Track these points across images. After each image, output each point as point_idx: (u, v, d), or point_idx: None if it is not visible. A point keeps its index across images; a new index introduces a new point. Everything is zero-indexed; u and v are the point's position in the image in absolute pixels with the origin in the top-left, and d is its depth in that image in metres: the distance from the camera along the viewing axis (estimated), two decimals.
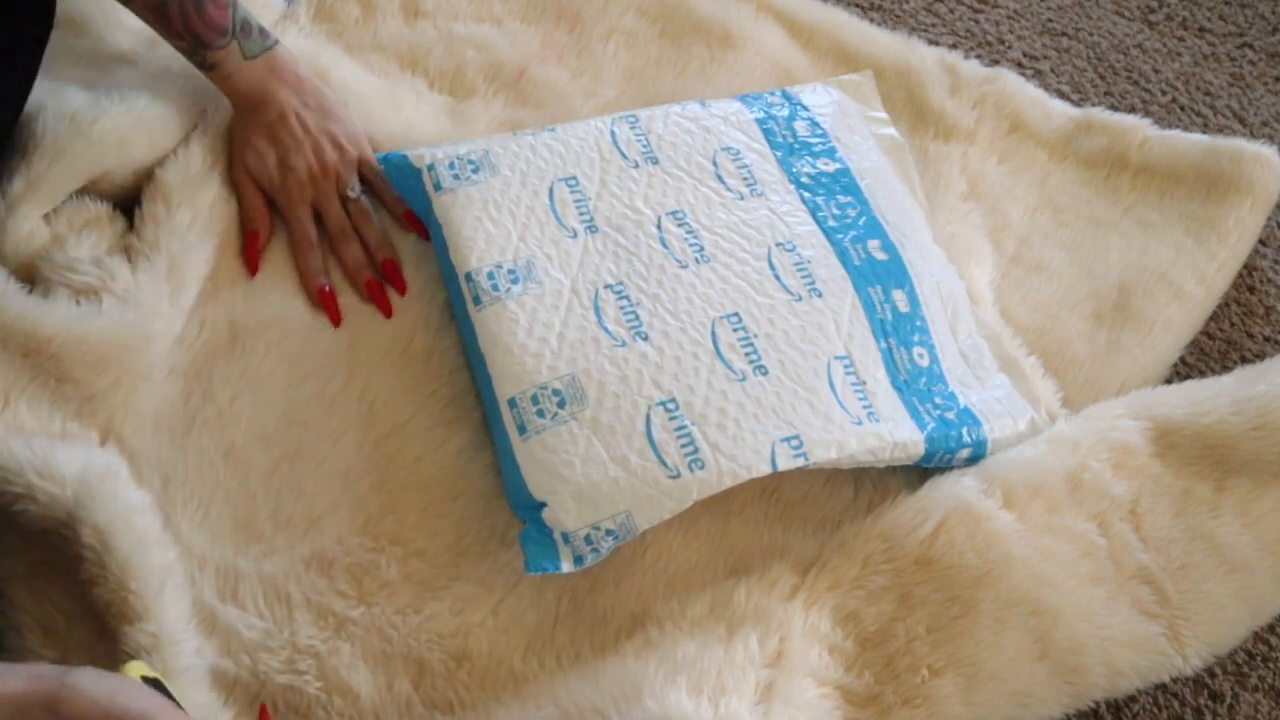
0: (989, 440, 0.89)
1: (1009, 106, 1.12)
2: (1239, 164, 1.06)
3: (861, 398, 0.86)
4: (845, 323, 0.90)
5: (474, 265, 0.90)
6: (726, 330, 0.87)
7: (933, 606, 0.82)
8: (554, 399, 0.84)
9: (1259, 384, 0.90)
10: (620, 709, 0.74)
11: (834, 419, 0.84)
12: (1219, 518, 0.87)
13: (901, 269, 0.94)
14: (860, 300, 0.91)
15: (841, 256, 0.93)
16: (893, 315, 0.91)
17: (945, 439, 0.87)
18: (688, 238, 0.93)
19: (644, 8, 1.17)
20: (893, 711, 0.80)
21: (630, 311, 0.88)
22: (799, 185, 0.98)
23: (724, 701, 0.75)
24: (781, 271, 0.91)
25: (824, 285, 0.91)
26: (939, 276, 0.97)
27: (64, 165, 0.88)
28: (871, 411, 0.86)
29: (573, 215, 0.93)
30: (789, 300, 0.90)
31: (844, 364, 0.88)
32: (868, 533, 0.84)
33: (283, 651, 0.79)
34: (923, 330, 0.92)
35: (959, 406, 0.89)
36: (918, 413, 0.87)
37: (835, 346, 0.88)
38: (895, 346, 0.90)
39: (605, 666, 0.79)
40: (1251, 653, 0.89)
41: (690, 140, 0.99)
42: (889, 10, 1.24)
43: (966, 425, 0.88)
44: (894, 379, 0.89)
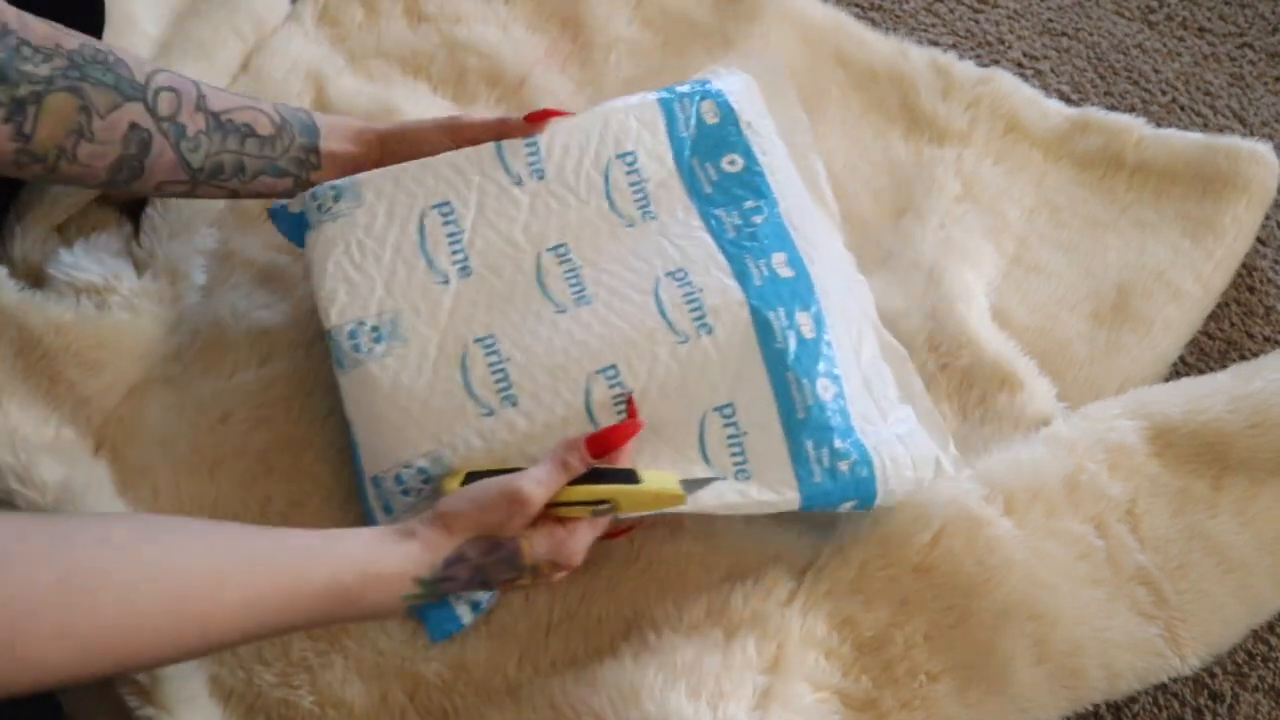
0: (879, 495, 0.82)
1: (1004, 107, 1.12)
2: (1235, 162, 1.05)
3: (736, 452, 0.81)
4: (734, 363, 0.81)
5: (334, 322, 0.83)
6: (602, 388, 0.80)
7: (930, 613, 0.82)
8: (419, 478, 0.80)
9: (1255, 381, 0.90)
10: (619, 712, 0.75)
11: (695, 474, 0.80)
12: (1216, 516, 0.87)
13: (808, 286, 0.85)
14: (756, 330, 0.82)
15: (741, 276, 0.84)
16: (796, 343, 0.82)
17: (826, 496, 0.81)
18: (568, 276, 0.85)
19: (647, 18, 1.17)
20: (891, 716, 0.80)
21: (500, 369, 0.81)
22: (698, 197, 0.88)
23: (722, 706, 0.76)
24: (669, 307, 0.83)
25: (715, 317, 0.82)
26: (846, 290, 0.91)
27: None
28: (743, 468, 0.81)
29: (444, 254, 0.84)
30: (674, 344, 0.81)
31: (723, 415, 0.81)
32: (866, 538, 0.84)
33: (277, 664, 0.79)
34: (828, 358, 0.83)
35: (856, 454, 0.82)
36: (805, 461, 0.81)
37: (717, 395, 0.81)
38: (796, 380, 0.81)
39: (603, 670, 0.79)
40: (1251, 653, 0.88)
41: (585, 143, 0.89)
42: (889, 10, 1.24)
43: (856, 481, 0.81)
44: (788, 420, 0.81)
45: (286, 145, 0.85)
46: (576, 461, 0.75)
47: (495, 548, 0.72)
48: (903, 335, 0.98)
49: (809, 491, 0.80)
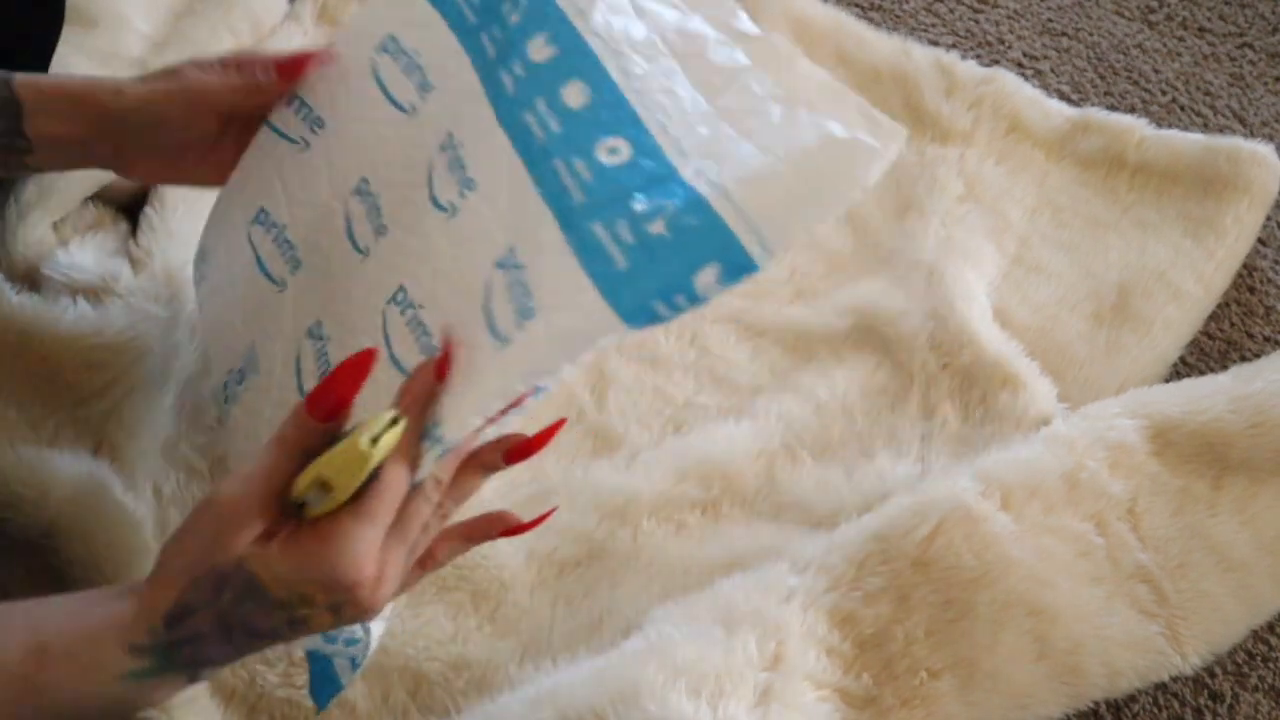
0: (743, 235, 0.54)
1: (1006, 107, 1.12)
2: (1236, 163, 1.05)
3: (518, 294, 0.58)
4: (503, 198, 0.61)
5: (214, 383, 0.77)
6: (395, 317, 0.64)
7: (931, 608, 0.82)
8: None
9: (1256, 382, 0.90)
10: (619, 711, 0.74)
11: (476, 363, 0.59)
12: (1216, 516, 0.87)
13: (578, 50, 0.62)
14: (513, 143, 0.61)
15: (494, 98, 0.63)
16: (560, 123, 0.59)
17: (648, 278, 0.55)
18: (369, 215, 0.68)
19: None
20: (892, 713, 0.80)
21: (323, 355, 0.68)
22: (462, 33, 0.67)
23: (723, 704, 0.75)
24: (438, 184, 0.65)
25: (475, 164, 0.63)
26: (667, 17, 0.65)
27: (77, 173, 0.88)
28: (525, 308, 0.57)
29: (278, 261, 0.73)
30: (443, 222, 0.63)
31: (505, 268, 0.59)
32: (864, 534, 0.84)
33: (279, 664, 0.79)
34: (615, 112, 0.59)
35: (676, 200, 0.56)
36: (595, 251, 0.56)
37: (495, 246, 0.60)
38: (565, 164, 0.58)
39: (604, 669, 0.79)
40: (1251, 652, 0.89)
41: (344, 63, 0.72)
42: (889, 10, 1.24)
43: (689, 235, 0.55)
44: (563, 214, 0.57)
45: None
46: (296, 432, 0.54)
47: (222, 581, 0.52)
48: (904, 334, 0.98)
49: (615, 289, 0.55)
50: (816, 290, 1.04)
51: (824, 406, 0.96)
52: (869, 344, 1.00)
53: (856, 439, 0.95)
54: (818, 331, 1.00)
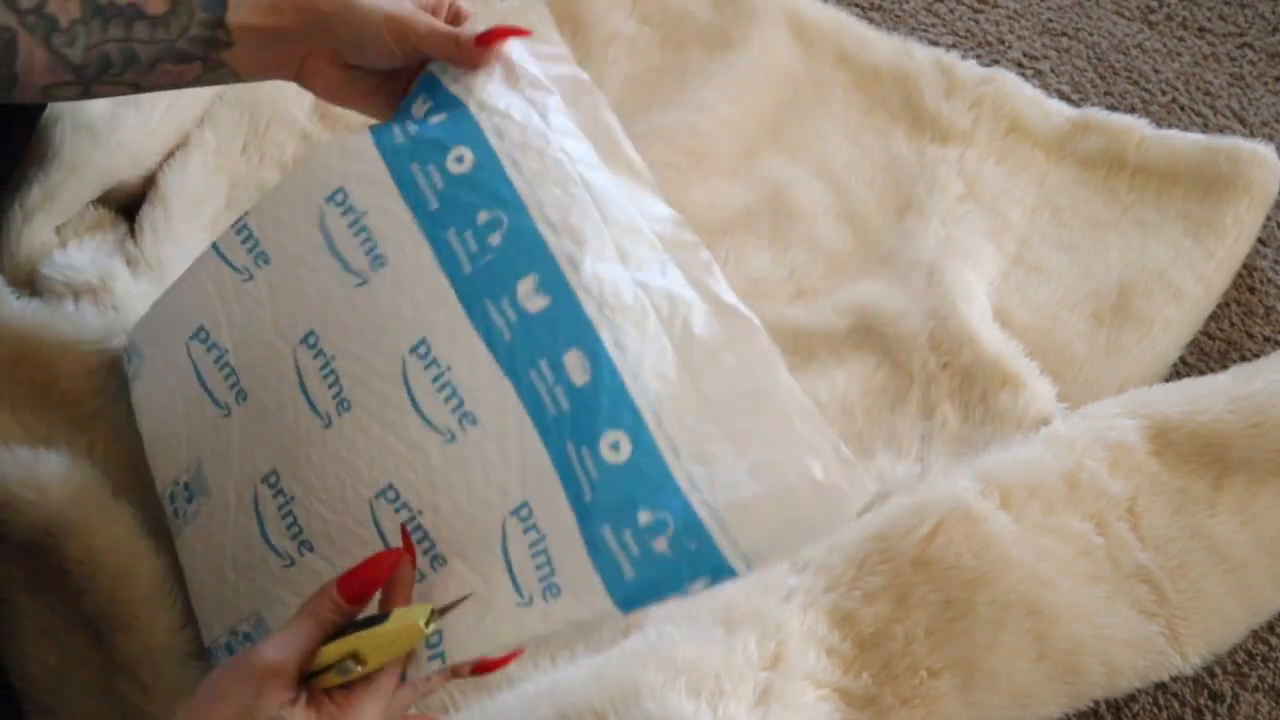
0: (732, 558, 0.59)
1: (1006, 107, 1.12)
2: (1236, 163, 1.05)
3: (541, 564, 0.62)
4: (514, 450, 0.63)
5: (160, 488, 0.76)
6: (388, 513, 0.66)
7: (930, 608, 0.82)
8: (245, 644, 0.72)
9: (1256, 382, 0.90)
10: (619, 710, 0.75)
11: (494, 605, 0.63)
12: (1216, 516, 0.87)
13: (570, 309, 0.63)
14: (522, 400, 0.63)
15: (487, 335, 0.64)
16: (568, 400, 0.62)
17: (653, 589, 0.60)
18: (325, 375, 0.69)
19: (646, 14, 1.17)
20: (892, 713, 0.80)
21: (287, 511, 0.69)
22: (425, 217, 0.68)
23: (723, 704, 0.76)
24: (421, 395, 0.66)
25: (473, 400, 0.64)
26: (651, 273, 0.65)
27: (81, 176, 0.89)
28: (551, 582, 0.62)
29: (221, 385, 0.73)
30: (441, 444, 0.65)
31: (520, 518, 0.63)
32: (864, 534, 0.84)
33: None
34: (615, 399, 0.62)
35: (675, 521, 0.59)
36: (606, 555, 0.60)
37: (509, 496, 0.63)
38: (575, 450, 0.61)
39: (604, 668, 0.79)
40: (1251, 653, 0.89)
41: (294, 202, 0.72)
42: (889, 10, 1.24)
43: (686, 557, 0.59)
44: (578, 506, 0.61)
45: (185, 23, 0.70)
46: (329, 610, 0.60)
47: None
48: (904, 334, 0.98)
49: (623, 593, 0.60)
50: (816, 290, 1.04)
51: (824, 406, 0.96)
52: (869, 344, 1.00)
53: (856, 438, 0.95)
54: (818, 331, 1.00)
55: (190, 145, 0.96)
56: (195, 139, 0.96)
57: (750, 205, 1.08)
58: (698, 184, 1.07)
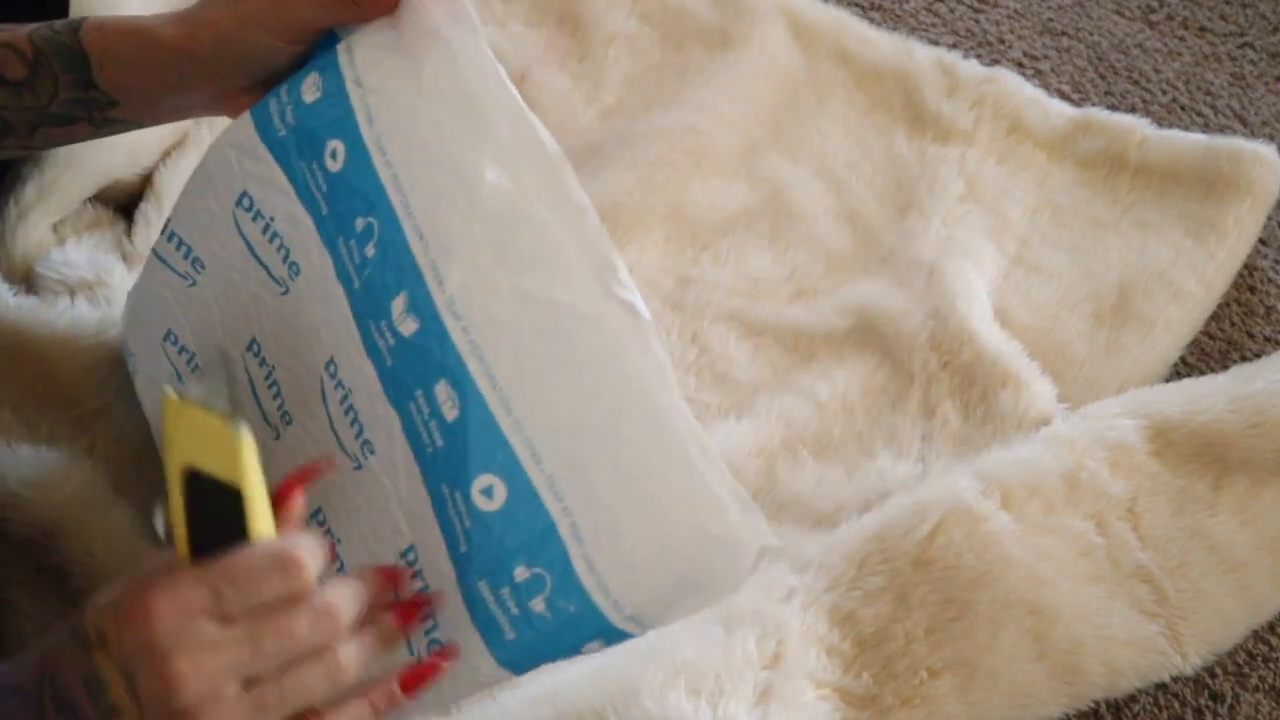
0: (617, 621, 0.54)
1: (1007, 107, 1.12)
2: (1238, 163, 1.05)
3: (424, 614, 0.58)
4: (403, 487, 0.59)
5: None
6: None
7: (931, 607, 0.82)
8: None
9: (1256, 382, 0.90)
10: (619, 710, 0.74)
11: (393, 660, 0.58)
12: (1216, 516, 0.87)
13: (438, 335, 0.57)
14: (405, 433, 0.58)
15: (375, 359, 0.60)
16: (441, 436, 0.56)
17: (539, 651, 0.56)
18: (269, 385, 0.66)
19: (646, 12, 1.17)
20: (892, 712, 0.80)
21: None
22: (321, 227, 0.62)
23: (722, 704, 0.75)
24: (335, 417, 0.62)
25: (371, 427, 0.60)
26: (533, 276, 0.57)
27: (76, 173, 0.88)
28: (434, 639, 0.58)
29: None
30: (351, 470, 0.61)
31: (409, 562, 0.58)
32: (864, 533, 0.84)
33: None
34: (486, 438, 0.55)
35: (553, 578, 0.54)
36: (485, 614, 0.55)
37: (400, 536, 0.59)
38: (449, 493, 0.56)
39: (603, 668, 0.78)
40: (1252, 653, 0.88)
41: (208, 204, 0.68)
42: (889, 10, 1.24)
43: (567, 620, 0.54)
44: (455, 557, 0.56)
45: (51, 89, 0.64)
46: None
47: None
48: (904, 334, 0.98)
49: (506, 655, 0.56)
50: (817, 289, 1.04)
51: (824, 405, 0.96)
52: (869, 343, 1.00)
53: (857, 438, 0.95)
54: (818, 330, 1.00)
55: (188, 144, 0.96)
56: (193, 137, 0.96)
57: (750, 205, 1.08)
58: (698, 184, 1.07)
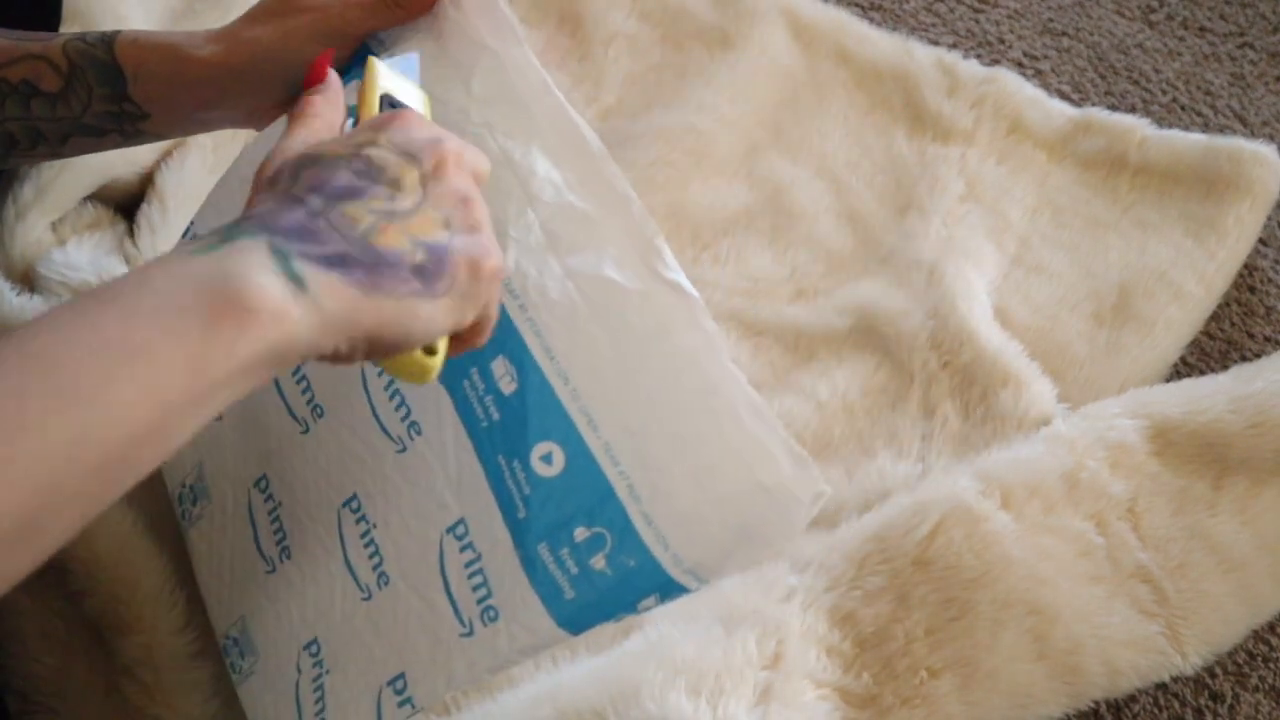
0: (677, 575, 0.56)
1: (1008, 107, 1.12)
2: (1238, 163, 1.05)
3: (478, 585, 0.60)
4: (452, 462, 0.61)
5: (170, 489, 0.77)
6: (350, 523, 0.66)
7: (931, 607, 0.82)
8: (236, 649, 0.73)
9: (1256, 382, 0.90)
10: (619, 710, 0.74)
11: (442, 636, 0.61)
12: (1217, 516, 0.87)
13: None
14: (458, 409, 0.61)
15: None
16: (498, 409, 0.59)
17: (599, 610, 0.58)
18: (298, 381, 0.69)
19: (646, 12, 1.17)
20: (891, 712, 0.80)
21: (275, 517, 0.69)
22: None
23: (722, 703, 0.75)
24: (377, 401, 0.64)
25: (419, 407, 0.62)
26: (583, 257, 0.59)
27: (73, 172, 0.88)
28: (489, 606, 0.60)
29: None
30: (393, 452, 0.64)
31: (456, 536, 0.61)
32: (864, 533, 0.84)
33: None
34: (544, 408, 0.58)
35: (614, 536, 0.56)
36: (544, 575, 0.58)
37: (447, 511, 0.61)
38: (506, 463, 0.59)
39: (604, 668, 0.79)
40: (1252, 653, 0.89)
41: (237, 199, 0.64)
42: (889, 10, 1.24)
43: (628, 575, 0.56)
44: (513, 524, 0.58)
45: (85, 100, 0.65)
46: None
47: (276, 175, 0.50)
48: (904, 334, 0.98)
49: (564, 615, 0.58)
50: (817, 289, 1.04)
51: (824, 405, 0.96)
52: (869, 343, 1.00)
53: (857, 438, 0.95)
54: (818, 330, 1.00)
55: (188, 144, 0.95)
56: (193, 138, 0.96)
57: (750, 205, 1.08)
58: (698, 184, 1.07)
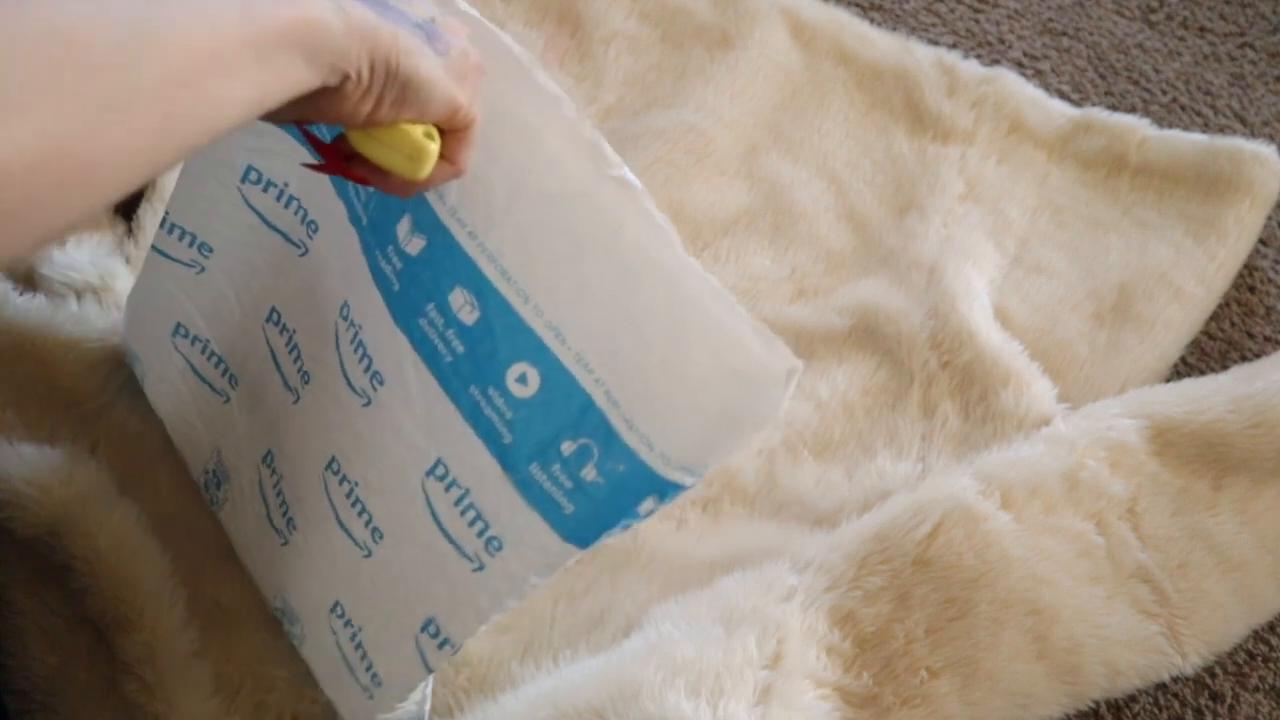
0: (665, 471, 0.56)
1: (1008, 107, 1.12)
2: (1238, 164, 1.05)
3: (473, 519, 0.61)
4: (419, 404, 0.61)
5: (194, 476, 0.80)
6: (334, 483, 0.67)
7: (931, 607, 0.82)
8: (285, 618, 0.77)
9: (1256, 382, 0.90)
10: (619, 711, 0.74)
11: (454, 577, 0.63)
12: (1217, 516, 0.87)
13: (446, 243, 0.59)
14: (418, 350, 0.61)
15: (383, 288, 0.62)
16: (462, 342, 0.59)
17: (600, 520, 0.58)
18: (289, 349, 0.69)
19: (645, 11, 1.17)
20: (891, 712, 0.80)
21: (279, 490, 0.71)
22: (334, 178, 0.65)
23: (722, 703, 0.75)
24: (346, 359, 0.65)
25: (380, 357, 0.63)
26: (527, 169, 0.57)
27: None
28: (491, 538, 0.60)
29: (214, 373, 0.75)
30: (360, 408, 0.64)
31: (438, 478, 0.62)
32: (865, 533, 0.84)
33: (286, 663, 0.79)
34: (510, 331, 0.57)
35: (599, 445, 0.57)
36: (540, 494, 0.58)
37: (423, 455, 0.62)
38: (481, 393, 0.59)
39: (604, 668, 0.79)
40: (1252, 653, 0.89)
41: (206, 187, 0.71)
42: (889, 10, 1.24)
43: (621, 481, 0.57)
44: (499, 451, 0.59)
45: None
46: None
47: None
48: (904, 333, 0.98)
49: (567, 529, 0.59)
50: (817, 289, 1.04)
51: (825, 405, 0.96)
52: (870, 343, 1.00)
53: (857, 437, 0.95)
54: (818, 330, 1.00)
55: None
56: None
57: (750, 204, 1.08)
58: (698, 183, 1.07)
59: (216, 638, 0.78)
